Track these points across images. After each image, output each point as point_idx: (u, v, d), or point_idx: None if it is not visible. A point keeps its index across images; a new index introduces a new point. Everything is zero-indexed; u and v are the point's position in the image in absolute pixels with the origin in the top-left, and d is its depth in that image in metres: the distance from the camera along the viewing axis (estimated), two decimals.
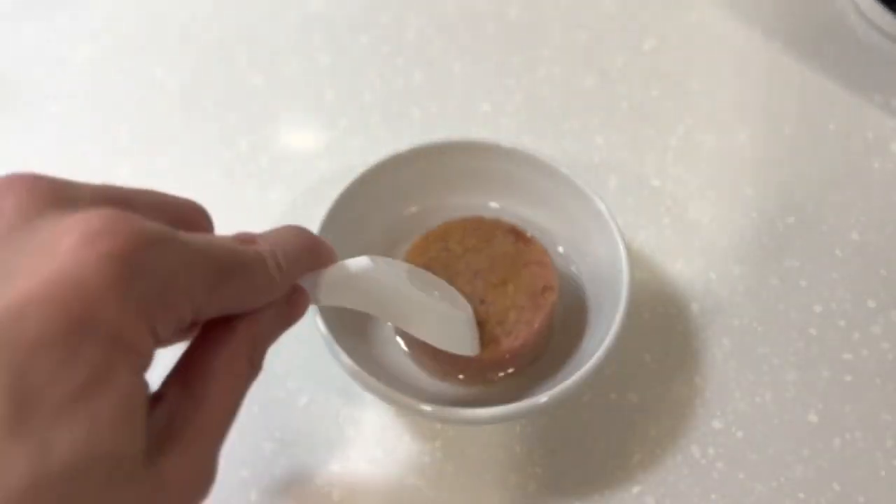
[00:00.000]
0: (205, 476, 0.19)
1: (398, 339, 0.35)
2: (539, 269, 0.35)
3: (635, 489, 0.33)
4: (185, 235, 0.19)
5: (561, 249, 0.37)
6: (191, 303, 0.18)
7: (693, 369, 0.36)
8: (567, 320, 0.35)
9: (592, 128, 0.45)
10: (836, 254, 0.40)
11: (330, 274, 0.26)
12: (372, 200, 0.36)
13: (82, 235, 0.16)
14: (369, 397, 0.30)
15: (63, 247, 0.16)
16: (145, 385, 0.18)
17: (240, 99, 0.47)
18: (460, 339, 0.31)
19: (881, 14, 0.49)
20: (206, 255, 0.19)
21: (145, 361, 0.17)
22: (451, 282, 0.34)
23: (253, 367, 0.21)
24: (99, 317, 0.16)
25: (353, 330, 0.34)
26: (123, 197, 0.20)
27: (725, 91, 0.47)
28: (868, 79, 0.47)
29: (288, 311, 0.23)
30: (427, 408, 0.29)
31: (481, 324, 0.33)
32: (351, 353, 0.31)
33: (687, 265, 0.39)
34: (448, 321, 0.31)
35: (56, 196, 0.18)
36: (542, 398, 0.29)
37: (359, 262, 0.27)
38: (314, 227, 0.33)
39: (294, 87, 0.48)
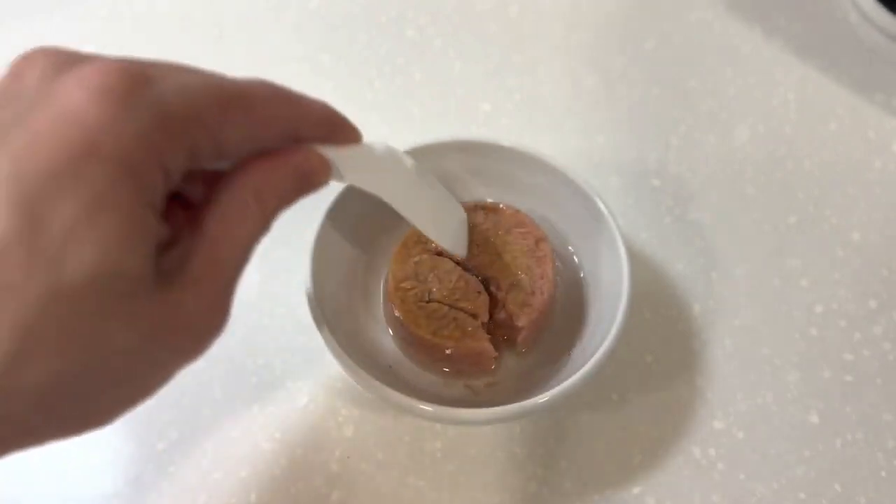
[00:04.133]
0: (218, 310, 0.20)
1: (390, 331, 0.35)
2: (521, 229, 0.35)
3: (636, 490, 0.33)
4: (187, 73, 0.20)
5: (570, 248, 0.37)
6: (203, 129, 0.19)
7: (694, 370, 0.36)
8: (568, 320, 0.35)
9: (593, 127, 0.45)
10: (838, 254, 0.40)
11: (354, 150, 0.26)
12: (372, 200, 0.36)
13: (77, 80, 0.18)
14: (369, 397, 0.30)
15: (62, 92, 0.18)
16: (153, 214, 0.19)
17: None
18: (455, 236, 0.32)
19: (882, 14, 0.49)
20: (209, 84, 0.20)
21: (152, 190, 0.18)
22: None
23: (264, 216, 0.22)
24: (99, 145, 0.17)
25: (353, 328, 0.34)
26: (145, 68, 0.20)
27: (725, 91, 0.47)
28: (869, 78, 0.47)
29: (304, 173, 0.23)
30: (427, 408, 0.29)
31: (500, 302, 0.33)
32: (351, 353, 0.31)
33: (688, 265, 0.39)
34: (449, 216, 0.32)
35: (73, 59, 0.19)
36: (542, 398, 0.29)
37: (381, 146, 0.27)
38: (315, 226, 0.33)
39: (294, 87, 0.47)
